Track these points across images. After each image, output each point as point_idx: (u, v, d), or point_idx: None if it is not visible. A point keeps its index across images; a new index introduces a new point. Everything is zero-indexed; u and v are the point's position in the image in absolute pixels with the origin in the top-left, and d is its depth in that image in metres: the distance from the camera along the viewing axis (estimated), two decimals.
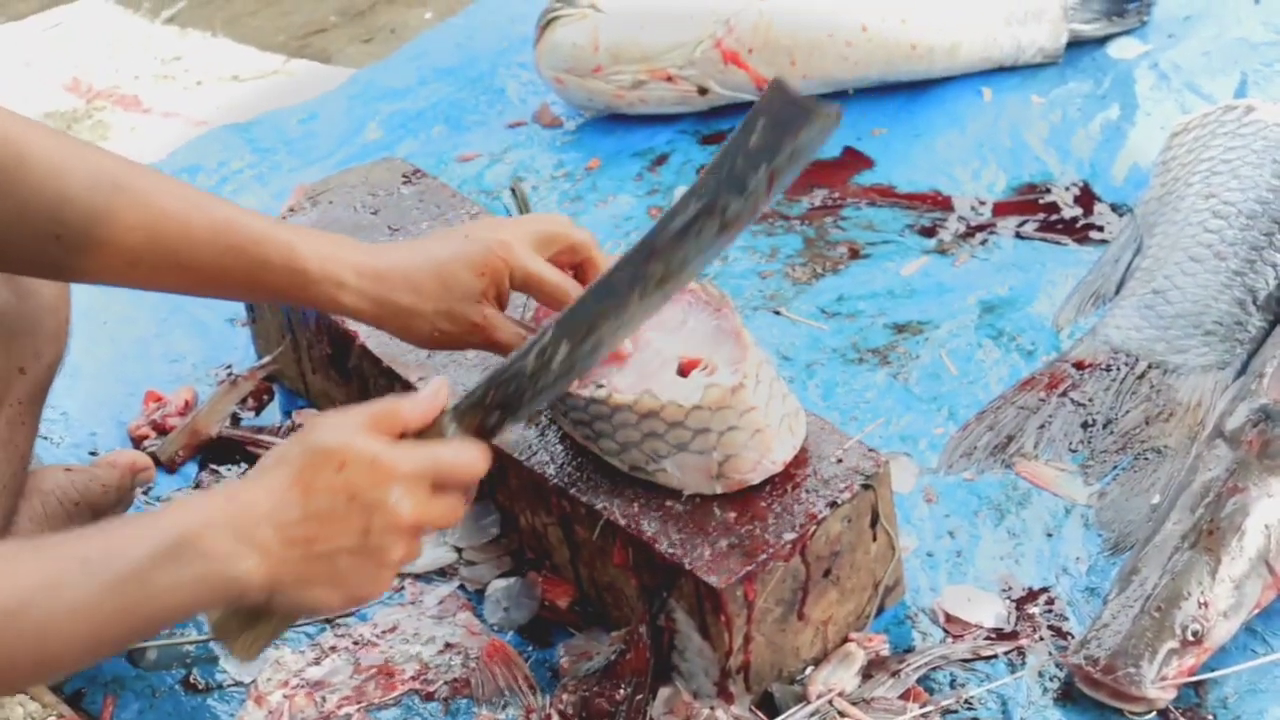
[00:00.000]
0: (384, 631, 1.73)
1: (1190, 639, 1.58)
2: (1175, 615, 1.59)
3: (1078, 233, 2.25)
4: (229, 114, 2.73)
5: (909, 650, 1.66)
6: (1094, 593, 1.70)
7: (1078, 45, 2.55)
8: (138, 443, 2.00)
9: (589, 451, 1.68)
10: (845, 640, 1.66)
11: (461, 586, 1.78)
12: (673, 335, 1.66)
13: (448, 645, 1.71)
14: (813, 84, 2.50)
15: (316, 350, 1.97)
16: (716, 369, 1.61)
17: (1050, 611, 1.69)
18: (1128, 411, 1.91)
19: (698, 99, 2.53)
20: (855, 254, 2.26)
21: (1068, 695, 1.60)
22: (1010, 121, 2.44)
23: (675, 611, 1.58)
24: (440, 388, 1.44)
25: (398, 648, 1.71)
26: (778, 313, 2.15)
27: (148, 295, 2.25)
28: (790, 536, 1.56)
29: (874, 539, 1.64)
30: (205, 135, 2.67)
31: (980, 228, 2.28)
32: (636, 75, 2.50)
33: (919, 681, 1.62)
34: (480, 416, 1.45)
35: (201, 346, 2.19)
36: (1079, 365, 1.97)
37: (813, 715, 1.57)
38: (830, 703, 1.58)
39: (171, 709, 1.69)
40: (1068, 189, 2.32)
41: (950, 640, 1.67)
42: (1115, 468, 1.85)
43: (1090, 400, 1.93)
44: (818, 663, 1.64)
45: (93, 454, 1.98)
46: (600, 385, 1.60)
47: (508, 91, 2.72)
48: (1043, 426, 1.90)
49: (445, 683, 1.67)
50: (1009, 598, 1.72)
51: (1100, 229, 2.24)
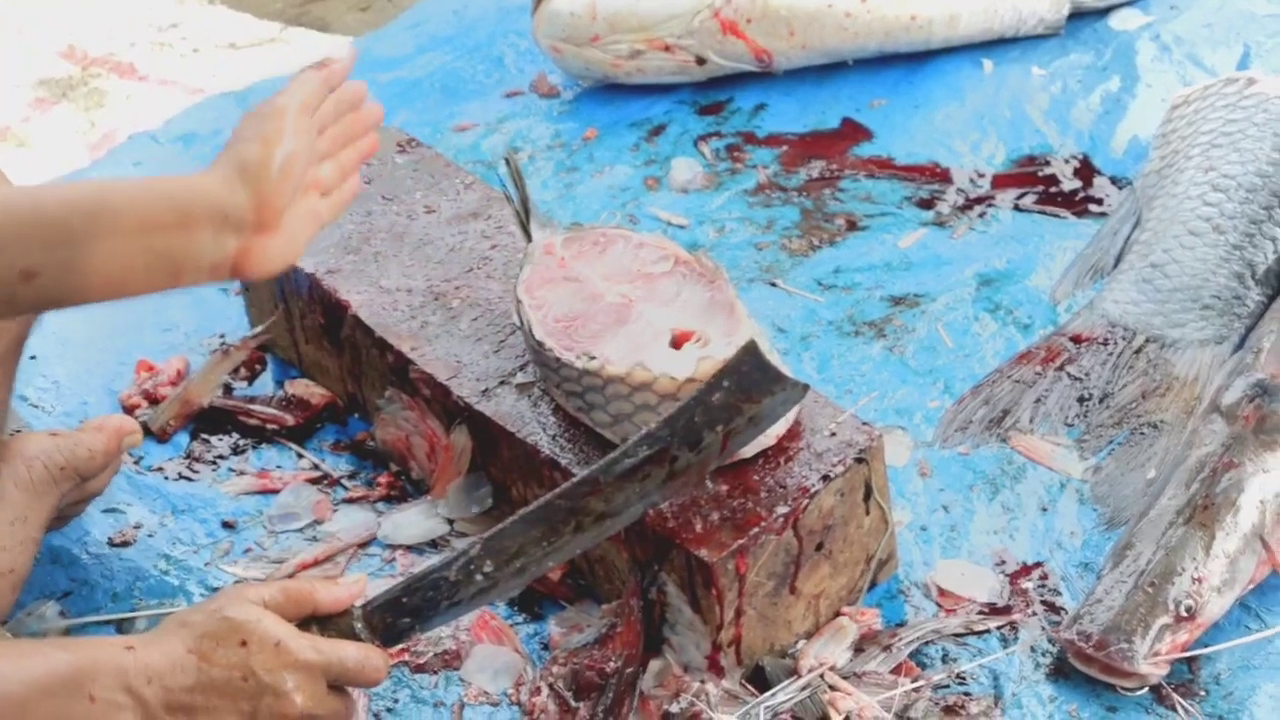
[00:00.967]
0: None
1: (1184, 614, 1.57)
2: (1169, 591, 1.58)
3: (1077, 205, 2.23)
4: (225, 82, 2.72)
5: (901, 625, 1.66)
6: (1088, 568, 1.70)
7: (1079, 16, 2.53)
8: (129, 412, 1.99)
9: (581, 424, 1.67)
10: (837, 614, 1.65)
11: None
12: (666, 307, 1.65)
13: None
14: (811, 54, 2.49)
15: (309, 320, 1.96)
16: (710, 341, 1.60)
17: (1044, 586, 1.69)
18: (1124, 386, 1.90)
19: (695, 69, 2.52)
20: (853, 226, 2.24)
21: (1060, 670, 1.60)
22: (1010, 93, 2.43)
23: (666, 585, 1.57)
24: (360, 584, 1.45)
25: None
26: (774, 284, 2.14)
27: None
28: (783, 510, 1.55)
29: (867, 513, 1.64)
30: (201, 103, 2.65)
31: (979, 200, 2.27)
32: (634, 45, 2.49)
33: (911, 656, 1.61)
34: (392, 618, 1.44)
35: (194, 316, 2.18)
36: (1076, 339, 1.96)
37: (804, 689, 1.56)
38: (821, 677, 1.57)
39: None
40: (1067, 161, 2.31)
41: (943, 615, 1.67)
42: (1111, 442, 1.84)
43: (1087, 374, 1.91)
44: (809, 637, 1.63)
45: (82, 423, 1.97)
46: (593, 357, 1.59)
47: (505, 61, 2.70)
48: (1039, 400, 1.89)
49: (435, 655, 1.66)
50: (1003, 572, 1.71)
51: (1099, 202, 2.23)
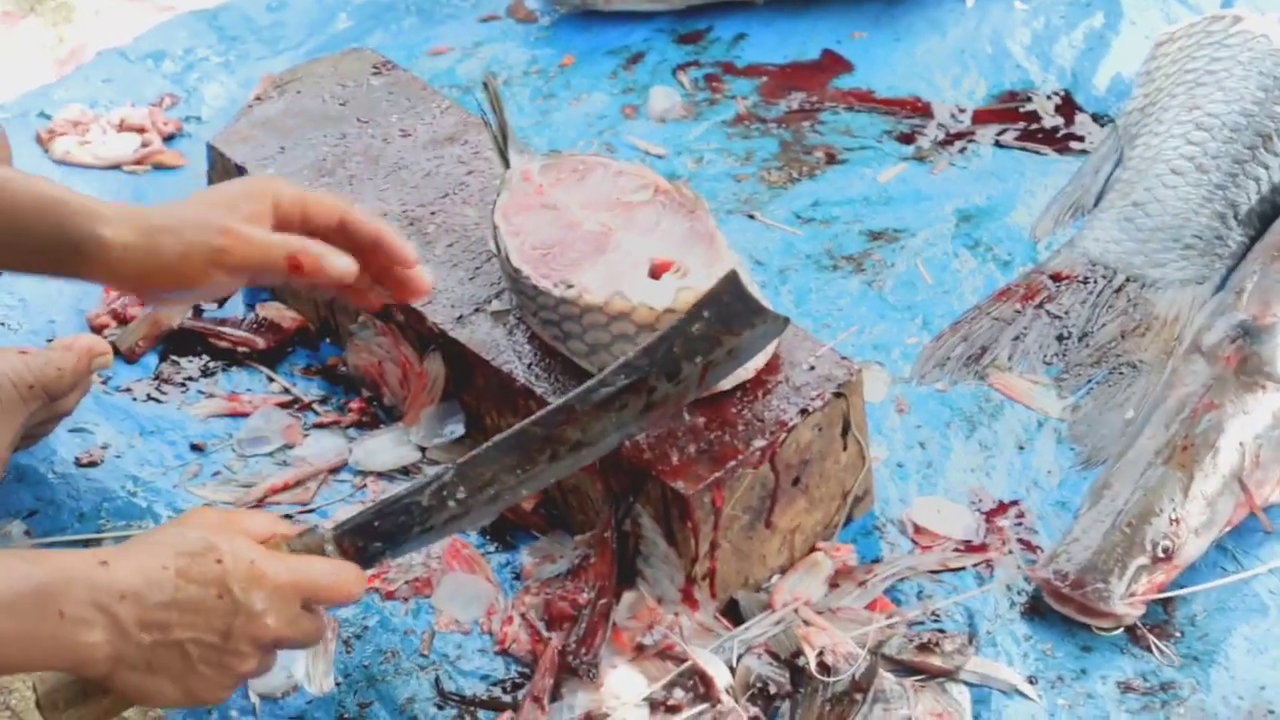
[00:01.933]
0: None
1: (1160, 555, 1.57)
2: (1146, 531, 1.58)
3: (1058, 142, 2.21)
4: (196, 0, 2.67)
5: (876, 561, 1.65)
6: (1065, 507, 1.69)
7: None
8: (97, 331, 1.96)
9: (557, 353, 1.65)
10: (812, 550, 1.64)
11: None
12: (645, 237, 1.63)
13: None
14: None
15: None
16: (689, 272, 1.58)
17: (1020, 525, 1.68)
18: (1104, 325, 1.89)
19: None
20: (832, 159, 2.22)
21: (1035, 609, 1.59)
22: (992, 28, 2.41)
23: (641, 517, 1.56)
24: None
25: None
26: (751, 217, 2.12)
27: (107, 181, 2.24)
28: (760, 444, 1.54)
29: (844, 448, 1.62)
30: (171, 21, 2.60)
31: (959, 135, 2.25)
32: None
33: (886, 592, 1.61)
34: (363, 542, 1.41)
35: None
36: (1056, 277, 1.94)
37: (778, 624, 1.55)
38: (795, 611, 1.56)
39: None
40: (1049, 98, 2.29)
41: (918, 552, 1.66)
42: (1090, 381, 1.83)
43: (1066, 313, 1.90)
44: (784, 571, 1.62)
45: (50, 341, 1.94)
46: (570, 285, 1.57)
47: None
48: (1017, 338, 1.88)
49: (406, 582, 1.65)
50: (979, 510, 1.70)
51: (1081, 139, 2.21)
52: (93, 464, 1.79)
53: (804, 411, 1.56)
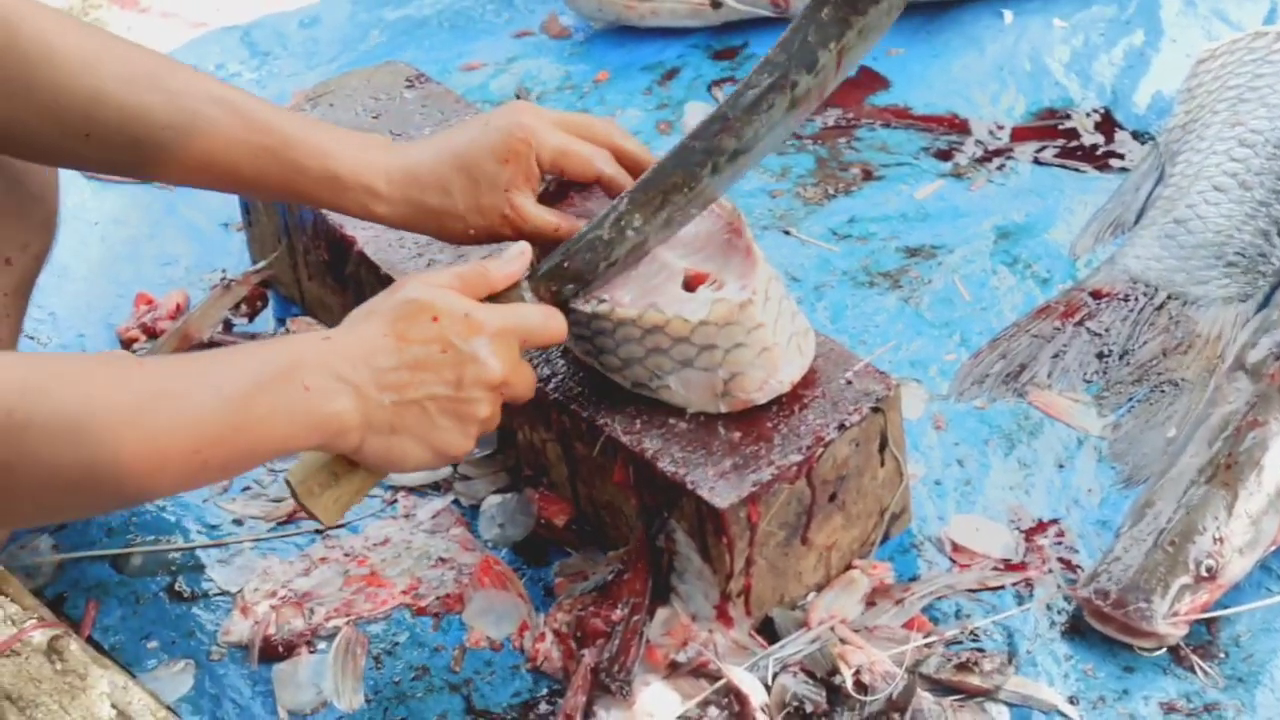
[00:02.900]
0: (375, 544, 1.69)
1: (1204, 575, 1.54)
2: (1189, 550, 1.55)
3: (1098, 160, 2.19)
4: (228, 15, 2.67)
5: (914, 579, 1.62)
6: (1105, 526, 1.66)
7: None
8: (127, 345, 1.95)
9: (590, 366, 1.63)
10: (849, 567, 1.61)
11: (456, 501, 1.74)
12: (680, 249, 1.61)
13: (440, 560, 1.67)
14: None
15: (313, 256, 1.92)
16: (724, 284, 1.56)
17: (1060, 544, 1.65)
18: (1145, 342, 1.86)
19: (710, 12, 2.47)
20: (868, 175, 2.20)
21: (1076, 629, 1.56)
22: (1031, 45, 2.38)
23: (675, 532, 1.54)
24: (525, 252, 1.50)
25: (389, 561, 1.67)
26: (787, 233, 2.10)
27: (140, 195, 2.23)
28: (796, 458, 1.51)
29: (882, 464, 1.60)
30: (203, 37, 2.61)
31: (997, 152, 2.22)
32: None
33: (924, 611, 1.58)
34: (557, 285, 1.50)
35: (195, 250, 2.14)
36: (1096, 294, 1.92)
37: (814, 642, 1.53)
38: (832, 629, 1.54)
39: (155, 616, 1.65)
40: (1088, 115, 2.26)
41: (957, 570, 1.63)
42: (1130, 399, 1.81)
43: (1106, 330, 1.88)
44: (820, 589, 1.60)
45: None
46: (602, 300, 1.55)
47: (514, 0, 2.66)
48: (1057, 356, 1.86)
49: (437, 598, 1.63)
50: (1018, 528, 1.67)
51: (1121, 156, 2.19)
52: None
53: (841, 426, 1.54)
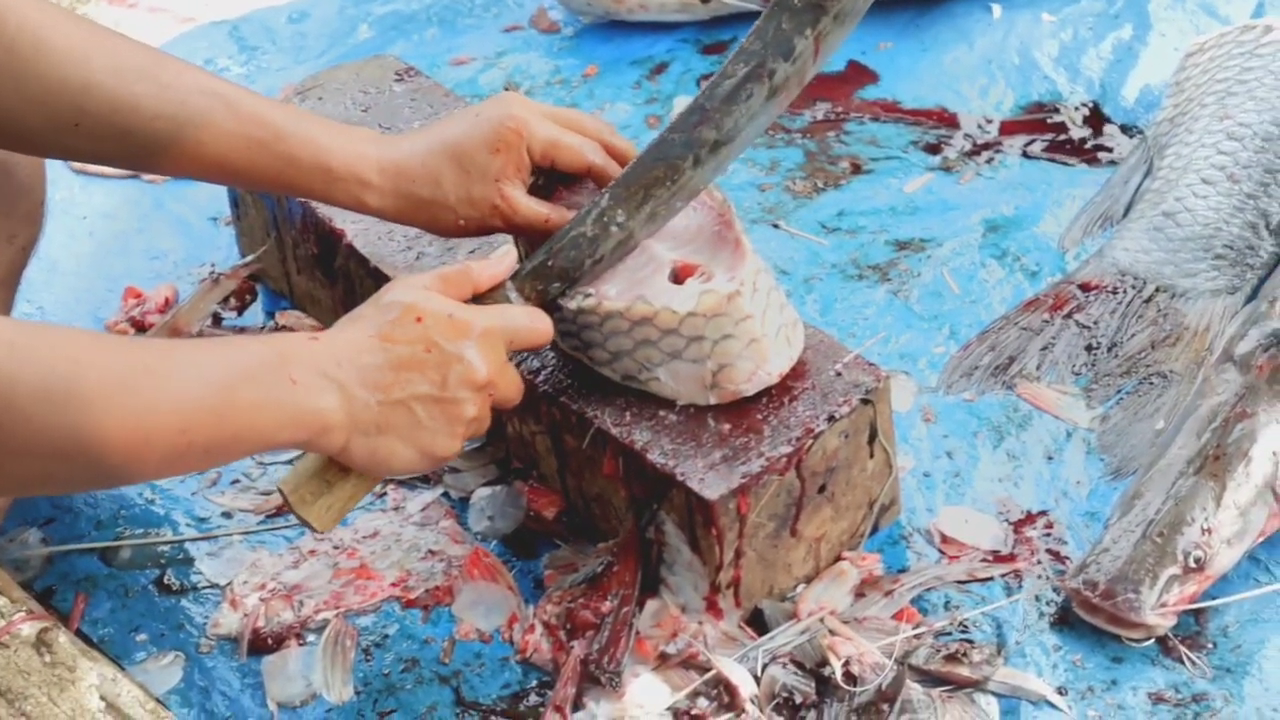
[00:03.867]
0: (365, 537, 1.68)
1: (1192, 566, 1.54)
2: (1177, 541, 1.55)
3: (1086, 153, 2.19)
4: (217, 10, 2.66)
5: (903, 571, 1.62)
6: (1094, 518, 1.66)
7: None
8: None
9: (580, 360, 1.63)
10: (838, 559, 1.61)
11: (445, 494, 1.74)
12: (669, 241, 1.61)
13: (430, 553, 1.67)
14: None
15: (302, 250, 1.92)
16: (713, 276, 1.56)
17: (1049, 535, 1.65)
18: (1133, 335, 1.86)
19: (699, 7, 2.47)
20: (857, 169, 2.20)
21: (1064, 620, 1.57)
22: (1019, 39, 2.39)
23: (665, 524, 1.54)
24: (510, 253, 1.52)
25: (378, 554, 1.67)
26: (776, 226, 2.10)
27: (129, 190, 2.22)
28: (786, 450, 1.51)
29: (871, 456, 1.60)
30: (192, 31, 2.60)
31: (986, 146, 2.23)
32: None
33: (913, 602, 1.58)
34: (542, 284, 1.50)
35: (184, 244, 2.14)
36: (1085, 287, 1.92)
37: (803, 633, 1.53)
38: (821, 621, 1.54)
39: (144, 609, 1.65)
40: (1077, 109, 2.27)
41: (946, 562, 1.63)
42: (1119, 392, 1.81)
43: (1095, 323, 1.88)
44: (809, 581, 1.60)
45: None
46: (588, 295, 1.55)
47: None
48: (1046, 348, 1.86)
49: (426, 590, 1.63)
50: (1007, 520, 1.68)
51: (1109, 150, 2.19)
52: None
53: (831, 418, 1.54)
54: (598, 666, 1.50)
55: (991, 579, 1.61)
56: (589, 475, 1.62)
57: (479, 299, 1.46)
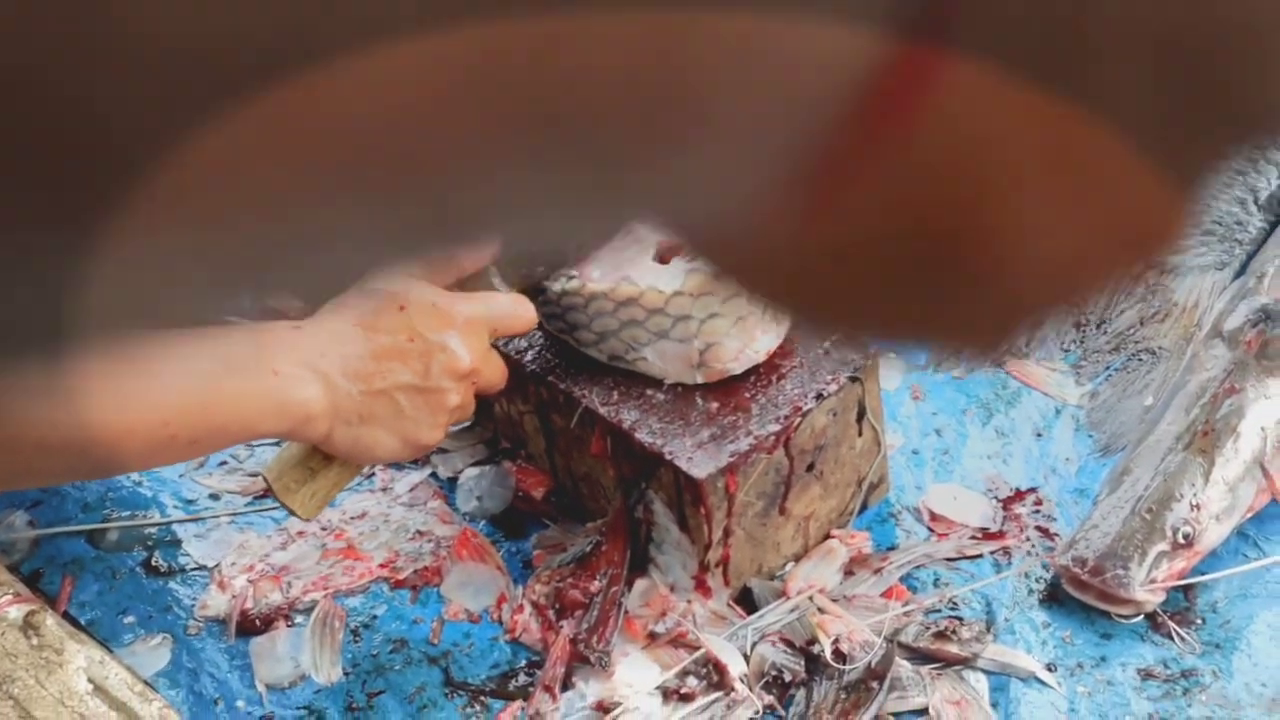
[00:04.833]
0: (353, 518, 1.68)
1: (1181, 542, 1.54)
2: (1166, 517, 1.55)
3: None
4: None
5: (892, 548, 1.62)
6: (1083, 494, 1.66)
7: None
8: None
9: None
10: (827, 537, 1.61)
11: (433, 474, 1.73)
12: None
13: (418, 533, 1.66)
14: None
15: None
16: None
17: (1038, 512, 1.65)
18: (1122, 311, 1.86)
19: None
20: None
21: (1054, 596, 1.57)
22: None
23: (654, 503, 1.53)
24: (493, 244, 1.45)
25: (366, 534, 1.66)
26: None
27: None
28: (774, 428, 1.51)
29: (859, 434, 1.60)
30: None
31: None
32: None
33: (902, 580, 1.58)
34: (526, 268, 1.48)
35: None
36: None
37: (792, 611, 1.53)
38: (810, 599, 1.54)
39: (132, 591, 1.64)
40: None
41: (935, 539, 1.63)
42: (1108, 368, 1.81)
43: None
44: (798, 559, 1.60)
45: None
46: (571, 277, 1.54)
47: None
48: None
49: (414, 570, 1.62)
50: (996, 497, 1.68)
51: None
52: None
53: (819, 396, 1.54)
54: (587, 646, 1.50)
55: (980, 556, 1.61)
56: (577, 455, 1.62)
57: (463, 284, 1.46)
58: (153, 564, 1.67)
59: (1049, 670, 1.50)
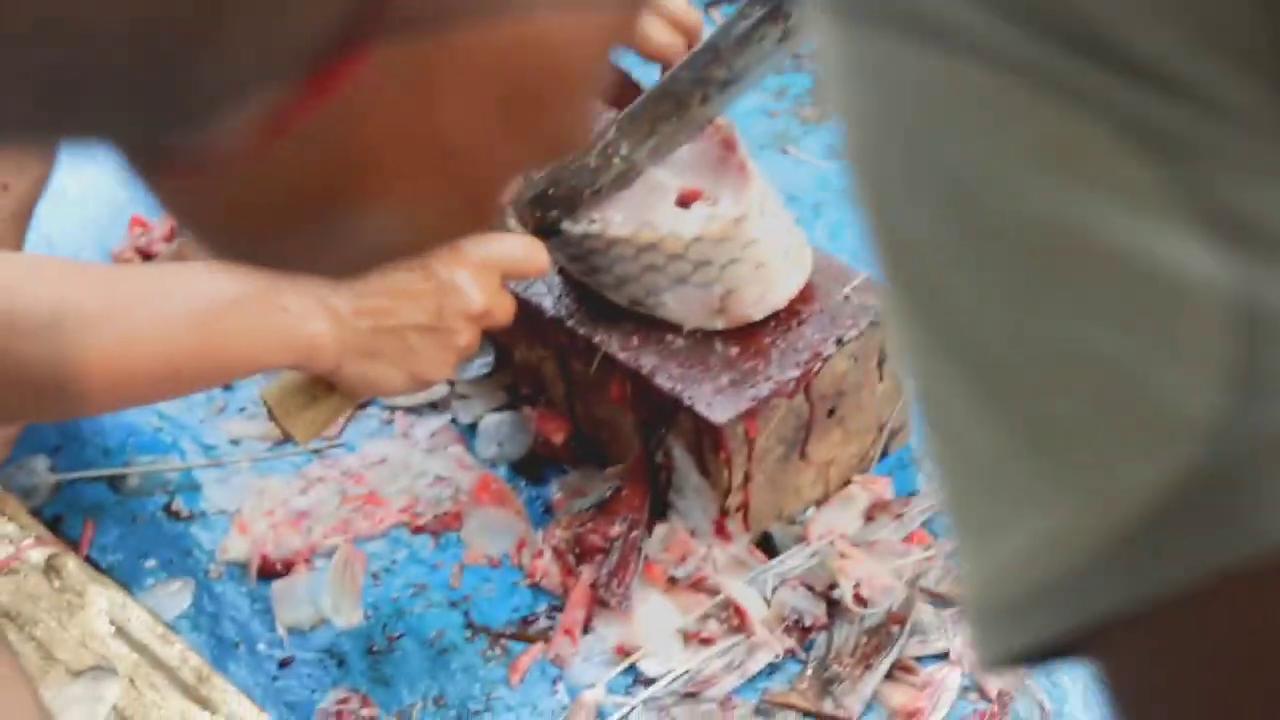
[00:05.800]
0: (373, 463, 1.68)
1: None
2: None
3: None
4: None
5: (913, 494, 1.62)
6: None
7: None
8: None
9: (587, 285, 1.63)
10: (848, 482, 1.61)
11: (453, 420, 1.73)
12: (673, 165, 1.60)
13: (438, 478, 1.66)
14: None
15: None
16: (719, 200, 1.55)
17: None
18: None
19: None
20: None
21: None
22: None
23: (673, 448, 1.53)
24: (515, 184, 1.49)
25: (386, 480, 1.66)
26: (785, 151, 2.08)
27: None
28: (794, 373, 1.51)
29: (880, 379, 1.59)
30: None
31: None
32: None
33: (923, 525, 1.58)
34: (541, 211, 1.49)
35: None
36: None
37: (812, 556, 1.53)
38: (831, 544, 1.54)
39: (153, 535, 1.64)
40: None
41: None
42: None
43: None
44: (819, 505, 1.60)
45: None
46: (593, 220, 1.54)
47: None
48: None
49: (435, 516, 1.63)
50: None
51: None
52: None
53: (839, 341, 1.53)
54: (607, 590, 1.50)
55: None
56: (597, 400, 1.61)
57: None
58: (173, 509, 1.67)
59: None
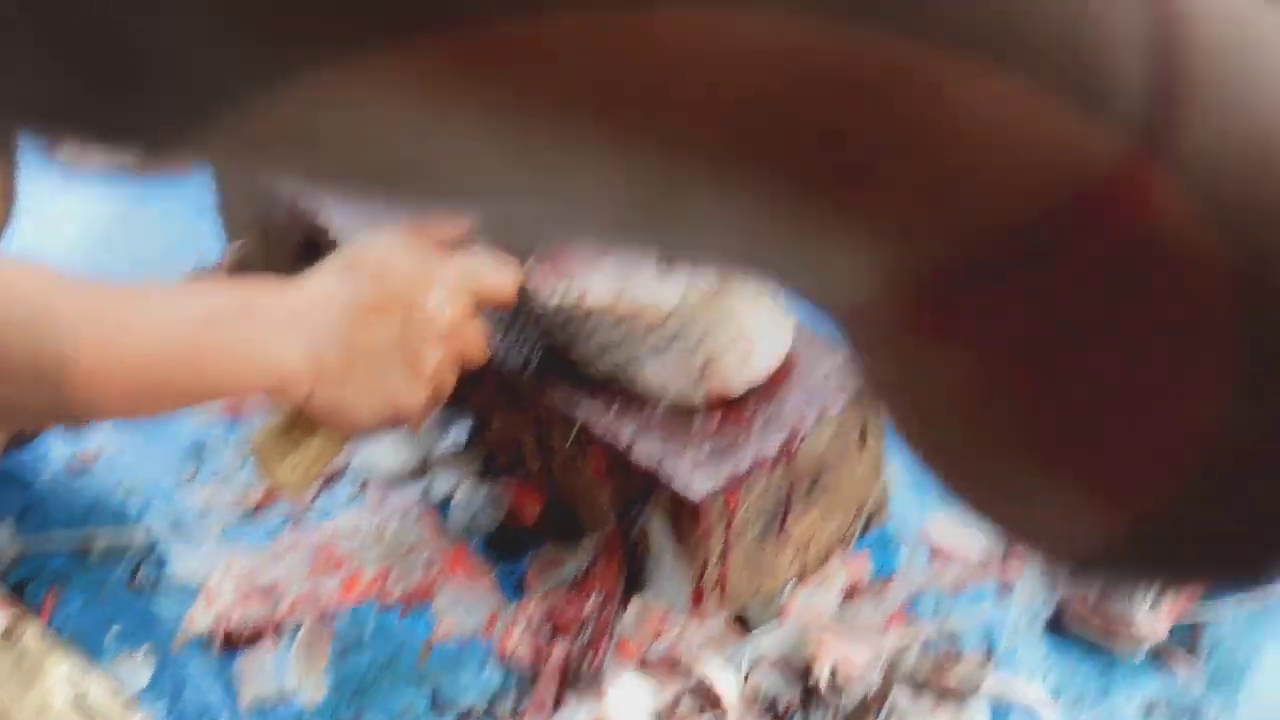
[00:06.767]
0: (344, 534, 1.65)
1: None
2: None
3: None
4: None
5: (892, 574, 1.59)
6: None
7: None
8: None
9: (565, 355, 1.60)
10: (827, 560, 1.58)
11: (427, 491, 1.70)
12: None
13: (410, 550, 1.63)
14: None
15: (288, 243, 1.89)
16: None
17: None
18: None
19: None
20: None
21: (1056, 627, 1.54)
22: None
23: (651, 522, 1.51)
24: None
25: (358, 551, 1.63)
26: None
27: (109, 185, 2.20)
28: (774, 448, 1.48)
29: (861, 457, 1.57)
30: None
31: None
32: None
33: (902, 607, 1.55)
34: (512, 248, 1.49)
35: (167, 238, 2.10)
36: None
37: (789, 636, 1.50)
38: (808, 624, 1.51)
39: (116, 605, 1.61)
40: None
41: (936, 566, 1.60)
42: None
43: None
44: (797, 582, 1.57)
45: None
46: (569, 290, 1.52)
47: None
48: None
49: (405, 588, 1.59)
50: None
51: None
52: (86, 465, 1.74)
53: (820, 416, 1.51)
54: (579, 667, 1.47)
55: (983, 584, 1.58)
56: (573, 473, 1.59)
57: (448, 248, 1.47)
58: (139, 578, 1.64)
59: (1050, 702, 1.47)
